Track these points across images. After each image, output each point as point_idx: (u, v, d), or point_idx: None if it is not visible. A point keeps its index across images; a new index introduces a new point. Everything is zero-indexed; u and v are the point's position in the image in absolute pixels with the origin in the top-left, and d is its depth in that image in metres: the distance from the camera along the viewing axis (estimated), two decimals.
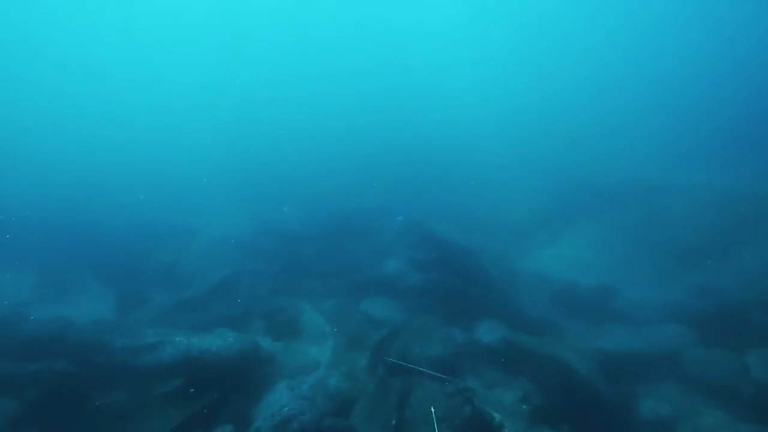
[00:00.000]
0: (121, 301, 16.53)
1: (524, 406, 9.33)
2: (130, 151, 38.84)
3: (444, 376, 9.43)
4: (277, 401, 11.06)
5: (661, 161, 23.79)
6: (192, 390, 10.48)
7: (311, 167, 31.19)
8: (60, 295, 16.68)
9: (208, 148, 38.73)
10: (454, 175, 28.02)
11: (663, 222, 17.08)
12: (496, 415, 9.17)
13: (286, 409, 9.65)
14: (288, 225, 23.46)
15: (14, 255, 17.82)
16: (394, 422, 9.67)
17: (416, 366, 10.17)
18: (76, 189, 27.84)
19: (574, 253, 17.26)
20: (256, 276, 18.44)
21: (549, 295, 15.35)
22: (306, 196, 25.48)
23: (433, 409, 9.63)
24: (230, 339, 11.51)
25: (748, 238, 14.90)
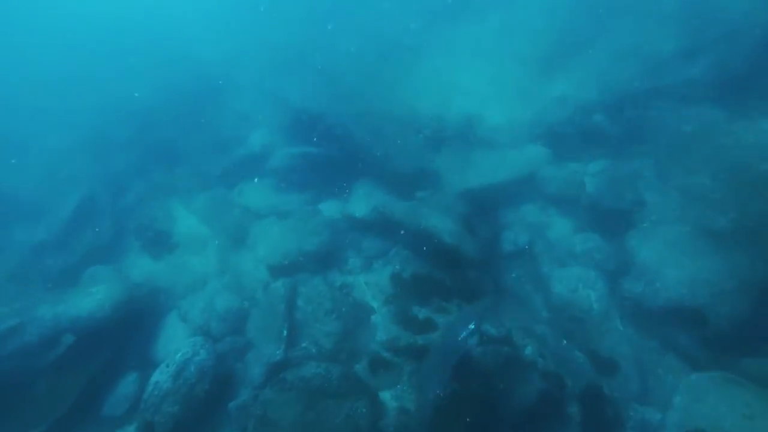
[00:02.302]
0: None
1: (395, 290, 10.12)
2: None
3: None
4: (172, 337, 11.25)
5: None
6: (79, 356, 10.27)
7: None
8: None
9: None
10: None
11: (519, 31, 16.25)
12: (373, 303, 9.96)
13: (179, 355, 9.88)
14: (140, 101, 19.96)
15: None
16: (285, 333, 10.29)
17: None
18: None
19: (431, 83, 16.52)
20: (114, 183, 16.48)
21: (418, 135, 15.21)
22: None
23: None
24: (100, 294, 10.82)
25: (598, 36, 14.78)
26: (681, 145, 11.40)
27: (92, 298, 10.88)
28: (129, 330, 10.93)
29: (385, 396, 9.08)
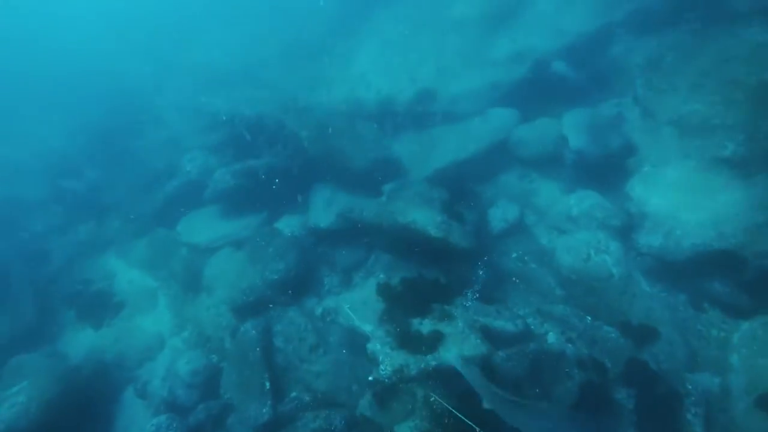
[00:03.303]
0: None
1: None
2: None
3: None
4: (131, 421, 9.21)
5: None
6: None
7: None
8: None
9: None
10: None
11: None
12: (365, 327, 8.30)
13: None
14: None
15: None
16: (268, 385, 8.49)
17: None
18: None
19: (373, 66, 15.02)
20: (30, 250, 14.01)
21: (369, 124, 13.64)
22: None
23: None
24: (21, 397, 8.60)
25: None
26: (659, 77, 10.33)
27: (10, 404, 8.58)
28: (73, 428, 8.79)
29: (403, 430, 7.49)
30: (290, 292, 10.11)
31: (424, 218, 9.46)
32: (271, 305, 9.90)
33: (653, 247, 8.49)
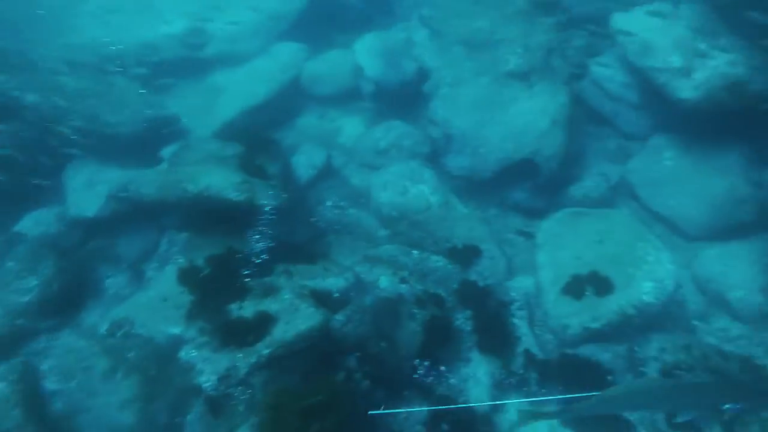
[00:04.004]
0: None
1: None
2: None
3: None
4: None
5: None
6: None
7: None
8: None
9: None
10: None
11: None
12: (173, 329, 6.57)
13: None
14: None
15: None
16: None
17: None
18: None
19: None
20: None
21: (129, 78, 10.75)
22: None
23: None
24: None
25: None
26: None
27: None
28: None
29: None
30: (58, 312, 7.53)
31: (220, 181, 7.78)
32: (29, 336, 7.22)
33: (463, 167, 8.53)
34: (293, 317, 6.71)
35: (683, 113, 8.09)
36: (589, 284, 7.34)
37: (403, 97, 9.82)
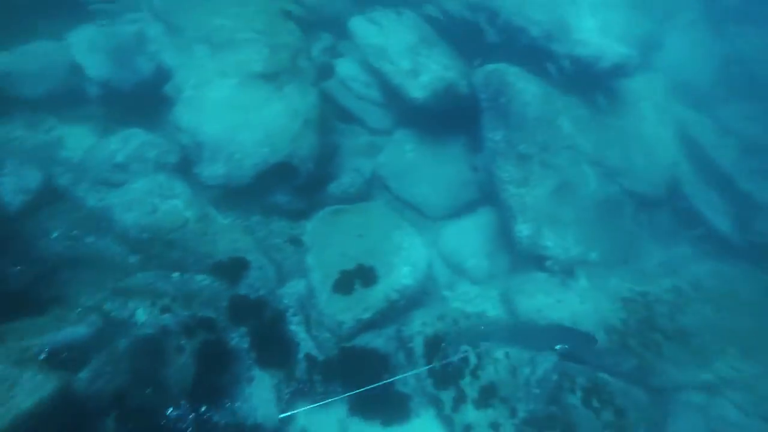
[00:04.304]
0: None
1: None
2: None
3: None
4: None
5: None
6: None
7: None
8: None
9: None
10: None
11: None
12: None
13: None
14: None
15: None
16: None
17: None
18: None
19: None
20: None
21: None
22: None
23: None
24: None
25: None
26: None
27: None
28: None
29: None
30: None
31: None
32: None
33: (218, 176, 7.93)
34: (11, 394, 5.23)
35: (416, 110, 9.18)
36: (356, 278, 7.71)
37: (141, 101, 8.57)
